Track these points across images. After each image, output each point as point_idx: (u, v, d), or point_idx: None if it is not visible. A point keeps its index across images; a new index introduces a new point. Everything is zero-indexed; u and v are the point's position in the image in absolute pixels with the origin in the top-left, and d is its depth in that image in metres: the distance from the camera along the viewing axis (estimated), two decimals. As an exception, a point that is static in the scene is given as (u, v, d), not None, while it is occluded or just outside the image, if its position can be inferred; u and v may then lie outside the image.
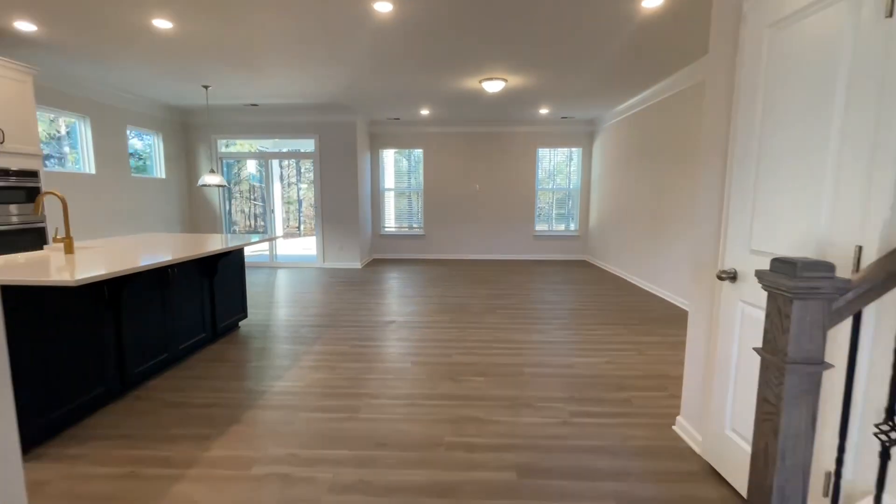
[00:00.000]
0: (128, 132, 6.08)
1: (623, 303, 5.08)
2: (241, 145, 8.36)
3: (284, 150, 8.27)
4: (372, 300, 5.19)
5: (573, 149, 8.37)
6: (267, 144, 8.75)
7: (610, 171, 7.24)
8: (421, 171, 8.43)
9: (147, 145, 6.65)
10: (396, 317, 4.48)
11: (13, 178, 3.91)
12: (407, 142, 8.34)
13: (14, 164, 3.92)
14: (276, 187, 10.96)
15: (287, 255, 8.99)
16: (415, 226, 8.65)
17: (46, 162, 5.14)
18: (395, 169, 8.71)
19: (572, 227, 8.59)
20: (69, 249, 2.71)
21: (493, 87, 5.27)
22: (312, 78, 5.22)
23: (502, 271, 7.17)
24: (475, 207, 8.42)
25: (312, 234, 7.84)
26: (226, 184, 5.84)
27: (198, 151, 7.31)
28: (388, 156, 8.60)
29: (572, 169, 8.49)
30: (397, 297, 5.34)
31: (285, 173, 11.28)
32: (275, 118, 7.16)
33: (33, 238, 4.10)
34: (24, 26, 3.65)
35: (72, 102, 5.20)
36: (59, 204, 4.96)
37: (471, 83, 5.36)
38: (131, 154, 6.41)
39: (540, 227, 8.59)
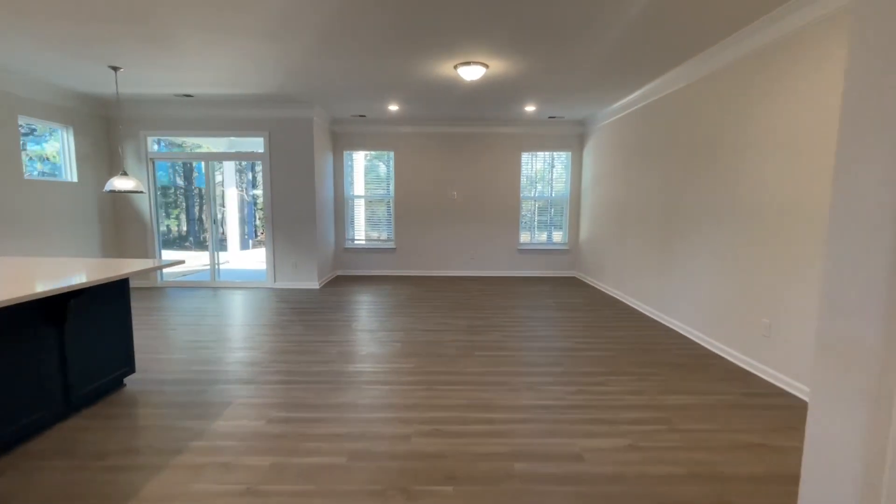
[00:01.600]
0: (21, 123, 4.90)
1: (629, 338, 4.15)
2: (186, 145, 7.22)
3: (231, 150, 7.16)
4: (320, 337, 4.14)
5: (561, 153, 7.50)
6: (220, 143, 7.64)
7: (604, 177, 6.36)
8: (392, 176, 7.43)
9: (52, 142, 5.46)
10: (343, 363, 3.45)
11: None
12: (375, 143, 7.33)
13: None
14: (232, 193, 9.85)
15: (237, 272, 7.86)
16: (384, 238, 7.63)
17: None
18: (364, 173, 7.68)
19: (560, 239, 7.70)
20: None
21: (471, 73, 4.33)
22: (249, 60, 4.17)
23: (483, 292, 6.20)
24: (452, 218, 7.45)
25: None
26: (142, 190, 4.71)
27: (125, 151, 6.15)
28: (355, 158, 7.57)
29: (558, 175, 7.61)
30: (353, 332, 4.30)
31: (243, 177, 10.11)
32: (216, 112, 6.07)
33: None
34: None
35: (-70, 83, 4.03)
36: None
37: (445, 69, 4.40)
38: (42, 158, 5.22)
39: (525, 239, 7.67)
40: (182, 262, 3.06)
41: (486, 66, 4.29)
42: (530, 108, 6.16)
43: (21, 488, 1.94)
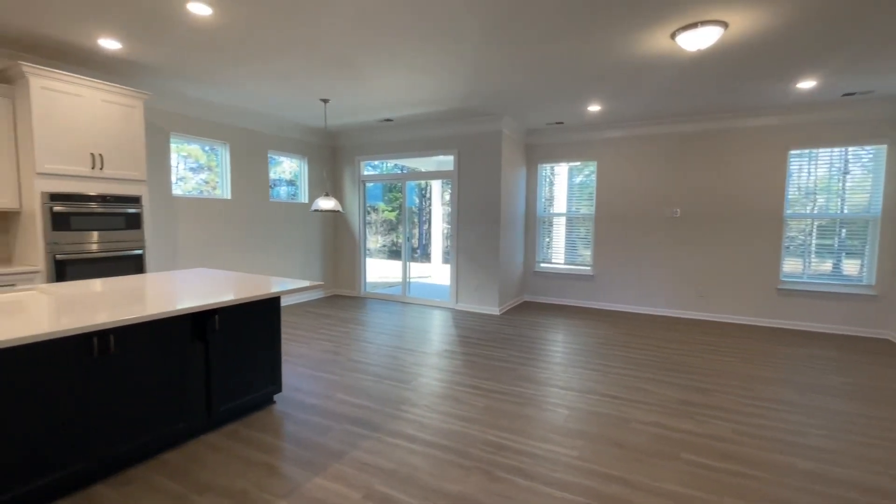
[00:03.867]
0: (270, 157, 6.03)
1: None
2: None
3: (422, 168, 7.37)
4: (472, 379, 3.49)
5: (865, 147, 4.90)
6: (430, 163, 8.05)
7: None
8: (593, 191, 6.30)
9: (295, 171, 6.59)
10: (482, 428, 2.68)
11: (111, 204, 3.78)
12: (574, 152, 6.36)
13: (113, 190, 3.79)
14: (437, 210, 10.39)
15: (429, 287, 8.03)
16: (581, 262, 6.52)
17: (195, 189, 5.29)
18: (559, 188, 6.78)
19: (859, 274, 5.03)
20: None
21: (698, 39, 3.01)
22: (429, 77, 3.95)
23: (713, 348, 4.44)
24: (672, 240, 5.78)
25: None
26: (340, 209, 5.09)
27: (343, 175, 7.00)
28: (557, 172, 6.75)
29: (857, 180, 4.98)
30: (513, 380, 3.49)
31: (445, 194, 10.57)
32: (413, 133, 6.26)
33: (131, 265, 3.94)
34: (133, 54, 3.44)
35: (215, 130, 5.25)
36: (184, 231, 4.96)
37: (657, 40, 3.20)
38: (287, 181, 6.40)
39: (792, 270, 5.31)
40: (307, 287, 2.90)
41: (725, 24, 2.91)
42: (807, 85, 4.15)
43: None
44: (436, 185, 10.00)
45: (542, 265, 6.75)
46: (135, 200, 3.95)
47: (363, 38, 3.22)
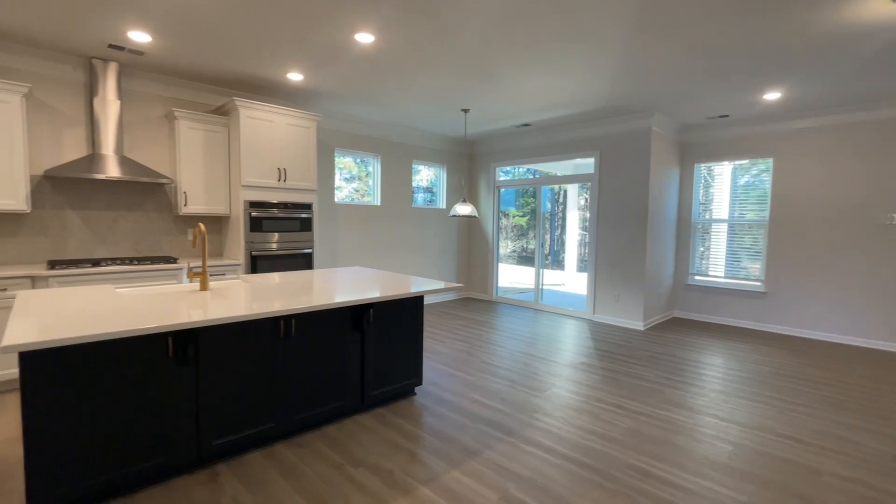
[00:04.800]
0: (413, 166, 6.51)
1: None
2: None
3: (558, 172, 7.12)
4: (614, 397, 3.24)
5: None
6: (566, 167, 7.85)
7: None
8: (767, 193, 5.36)
9: (432, 179, 6.99)
10: (626, 451, 2.46)
11: (290, 210, 4.50)
12: (743, 149, 5.50)
13: (292, 198, 4.51)
14: (573, 215, 9.97)
15: (562, 295, 7.74)
16: (745, 276, 5.58)
17: (347, 196, 6.01)
18: (730, 190, 5.92)
19: None
20: (204, 286, 2.53)
21: (934, -6, 2.34)
22: (570, 79, 3.85)
23: (947, 394, 3.39)
24: (880, 252, 4.59)
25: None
26: (476, 215, 5.24)
27: (478, 181, 7.20)
28: (709, 172, 5.94)
29: None
30: (663, 403, 3.14)
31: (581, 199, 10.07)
32: (551, 137, 6.14)
33: (302, 262, 4.63)
34: (310, 83, 4.10)
35: (369, 143, 5.89)
36: (343, 233, 5.65)
37: (862, 6, 2.59)
38: (424, 188, 6.87)
39: None
40: (449, 288, 3.01)
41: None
42: None
43: (294, 467, 2.24)
44: (572, 190, 9.64)
45: (697, 278, 5.97)
46: (307, 207, 4.63)
47: (504, 47, 3.27)
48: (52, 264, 3.40)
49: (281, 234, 4.45)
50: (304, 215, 4.60)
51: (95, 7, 2.77)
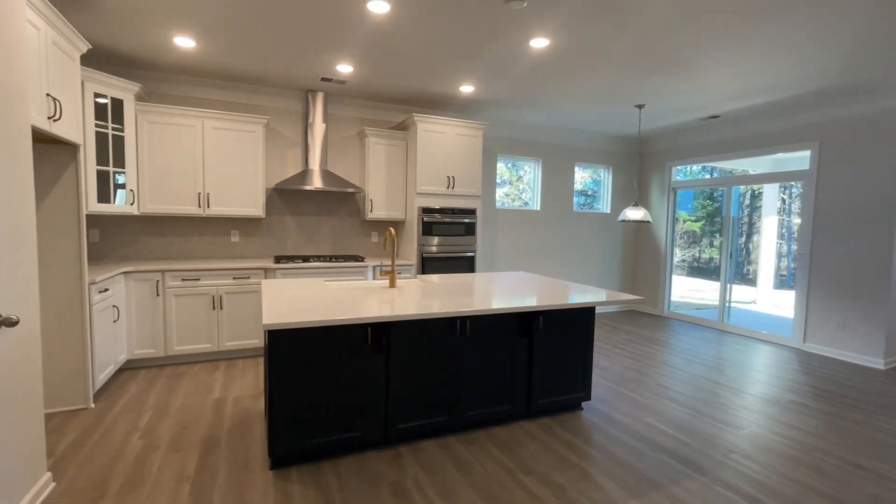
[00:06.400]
0: (576, 168, 6.24)
1: None
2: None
3: (776, 170, 5.94)
4: (850, 453, 2.55)
5: None
6: (762, 164, 6.65)
7: None
8: None
9: (595, 181, 6.60)
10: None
11: (456, 215, 4.75)
12: None
13: (458, 204, 4.76)
14: (770, 221, 8.30)
15: (757, 316, 6.52)
16: None
17: (498, 201, 6.08)
18: None
19: None
20: (392, 283, 2.81)
21: None
22: (782, 52, 3.20)
23: None
24: None
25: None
26: (649, 220, 4.74)
27: (650, 182, 6.53)
28: None
29: None
30: (929, 471, 2.35)
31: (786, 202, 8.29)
32: (745, 129, 5.21)
33: (465, 265, 4.84)
34: (480, 93, 4.30)
35: (531, 148, 5.87)
36: (501, 237, 5.72)
37: None
38: (579, 191, 6.56)
39: None
40: (627, 300, 2.73)
41: None
42: None
43: (467, 462, 2.31)
44: (769, 191, 8.05)
45: (975, 306, 4.36)
46: (471, 212, 4.83)
47: (694, 29, 2.88)
48: (278, 259, 4.23)
49: (448, 238, 4.72)
50: (468, 220, 4.81)
51: (316, 48, 3.35)
